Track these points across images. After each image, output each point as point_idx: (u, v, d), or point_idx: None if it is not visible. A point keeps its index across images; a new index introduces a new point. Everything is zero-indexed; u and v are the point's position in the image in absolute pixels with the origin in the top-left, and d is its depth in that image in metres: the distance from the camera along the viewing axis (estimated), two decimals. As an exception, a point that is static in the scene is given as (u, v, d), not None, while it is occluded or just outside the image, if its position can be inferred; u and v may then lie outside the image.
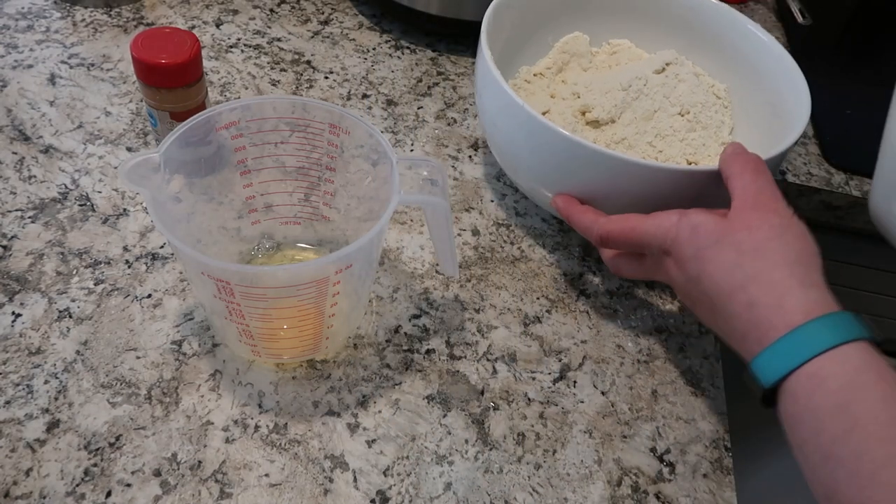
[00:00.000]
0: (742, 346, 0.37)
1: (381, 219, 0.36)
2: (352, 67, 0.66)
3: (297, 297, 0.38)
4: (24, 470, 0.38)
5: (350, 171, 0.46)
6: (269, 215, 0.47)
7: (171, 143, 0.37)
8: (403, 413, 0.43)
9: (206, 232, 0.45)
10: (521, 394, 0.45)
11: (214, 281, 0.36)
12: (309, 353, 0.44)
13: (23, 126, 0.56)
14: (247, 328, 0.40)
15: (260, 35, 0.68)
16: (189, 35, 0.48)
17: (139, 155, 0.36)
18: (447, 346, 0.47)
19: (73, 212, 0.51)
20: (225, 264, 0.37)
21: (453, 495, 0.40)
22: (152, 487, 0.38)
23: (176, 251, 0.38)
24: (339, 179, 0.46)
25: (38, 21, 0.65)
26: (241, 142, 0.42)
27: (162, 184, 0.36)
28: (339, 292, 0.39)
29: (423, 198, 0.39)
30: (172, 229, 0.35)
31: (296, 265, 0.35)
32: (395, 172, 0.38)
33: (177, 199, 0.40)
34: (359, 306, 0.45)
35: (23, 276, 0.47)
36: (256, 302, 0.37)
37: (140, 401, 0.42)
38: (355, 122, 0.41)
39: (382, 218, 0.36)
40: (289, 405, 0.43)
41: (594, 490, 0.41)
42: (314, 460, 0.41)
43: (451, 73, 0.68)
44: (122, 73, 0.61)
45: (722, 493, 0.42)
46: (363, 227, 0.49)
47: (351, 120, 0.42)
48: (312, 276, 0.37)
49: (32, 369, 0.42)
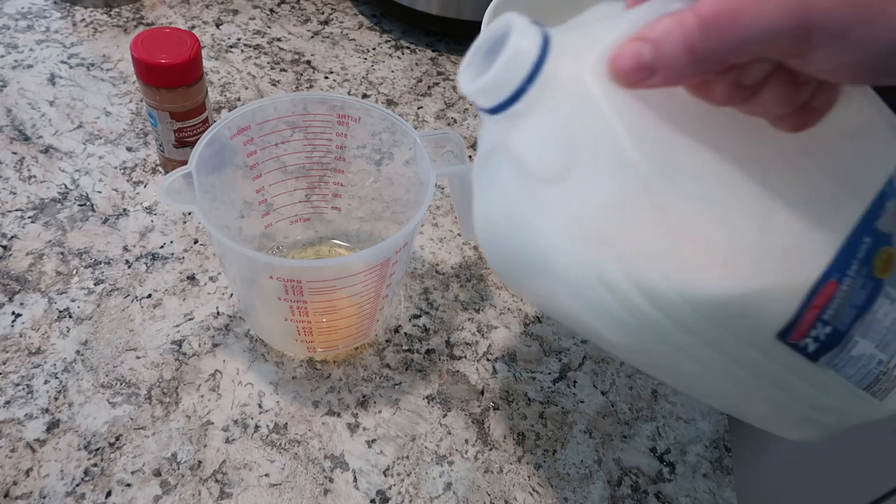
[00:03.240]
0: None
1: (426, 196, 0.38)
2: (352, 67, 0.66)
3: (362, 283, 0.39)
4: (24, 470, 0.38)
5: (352, 171, 0.46)
6: (277, 217, 0.47)
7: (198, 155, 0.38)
8: (403, 413, 0.43)
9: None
10: (521, 394, 0.45)
11: (284, 282, 0.37)
12: (361, 339, 0.45)
13: (23, 126, 0.56)
14: (308, 325, 0.41)
15: (260, 35, 0.68)
16: (189, 35, 0.48)
17: (173, 174, 0.36)
18: (447, 346, 0.47)
19: (73, 212, 0.51)
20: (318, 262, 0.40)
21: (453, 495, 0.40)
22: (152, 487, 0.38)
23: (241, 259, 0.39)
24: (344, 180, 0.47)
25: (38, 21, 0.65)
26: (251, 147, 0.42)
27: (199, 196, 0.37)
28: (395, 272, 0.40)
29: (454, 169, 0.40)
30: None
31: (368, 250, 0.36)
32: (422, 149, 0.40)
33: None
34: (401, 284, 0.46)
35: (23, 276, 0.47)
36: (323, 296, 0.38)
37: (140, 401, 0.42)
38: (367, 109, 0.42)
39: (427, 195, 0.38)
40: (289, 405, 0.43)
41: (594, 490, 0.41)
42: (314, 460, 0.41)
43: (451, 73, 0.68)
44: (122, 73, 0.61)
45: (722, 493, 0.42)
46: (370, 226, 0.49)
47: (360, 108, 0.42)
48: (382, 258, 0.38)
49: (32, 369, 0.42)
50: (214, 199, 0.42)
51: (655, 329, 0.25)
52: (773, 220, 0.25)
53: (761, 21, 0.20)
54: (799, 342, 0.26)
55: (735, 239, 0.25)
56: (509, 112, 0.25)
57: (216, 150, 0.40)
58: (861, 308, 0.26)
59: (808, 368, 0.27)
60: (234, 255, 0.40)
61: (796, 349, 0.26)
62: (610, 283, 0.24)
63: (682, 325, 0.25)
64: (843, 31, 0.20)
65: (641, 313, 0.25)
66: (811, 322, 0.26)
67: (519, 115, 0.25)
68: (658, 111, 0.24)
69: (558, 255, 0.25)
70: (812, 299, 0.25)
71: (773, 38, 0.21)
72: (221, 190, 0.42)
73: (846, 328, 0.26)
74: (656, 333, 0.26)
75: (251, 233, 0.47)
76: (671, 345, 0.26)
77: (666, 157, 0.24)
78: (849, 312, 0.26)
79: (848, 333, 0.27)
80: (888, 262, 0.27)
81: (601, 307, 0.25)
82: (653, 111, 0.24)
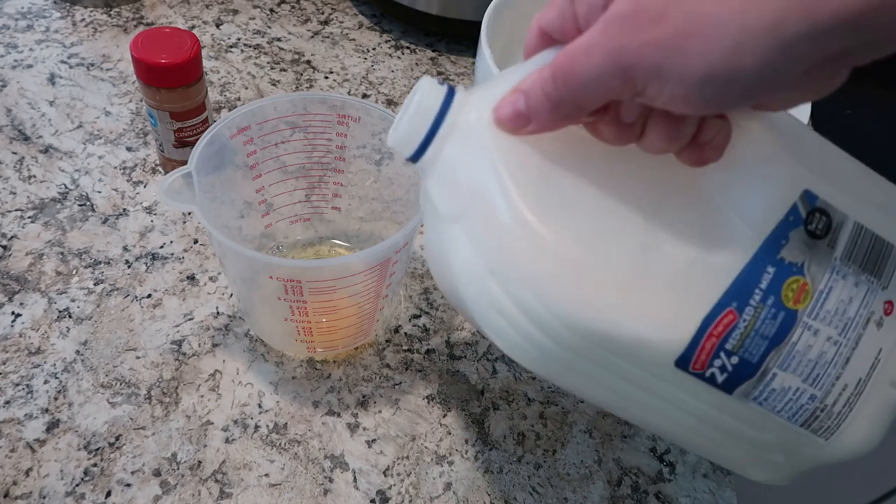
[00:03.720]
0: None
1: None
2: (352, 67, 0.66)
3: (362, 283, 0.39)
4: (24, 470, 0.38)
5: (352, 171, 0.46)
6: (277, 217, 0.47)
7: (198, 155, 0.38)
8: (403, 413, 0.43)
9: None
10: (521, 394, 0.45)
11: (283, 282, 0.37)
12: (361, 338, 0.45)
13: (23, 126, 0.56)
14: (308, 325, 0.41)
15: (260, 35, 0.68)
16: (189, 35, 0.48)
17: (173, 174, 0.36)
18: (447, 346, 0.47)
19: (72, 212, 0.51)
20: (318, 262, 0.40)
21: (453, 495, 0.40)
22: (152, 487, 0.38)
23: (241, 259, 0.39)
24: (344, 180, 0.47)
25: (38, 21, 0.65)
26: (251, 147, 0.42)
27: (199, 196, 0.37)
28: (395, 272, 0.40)
29: None
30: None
31: (368, 250, 0.36)
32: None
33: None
34: (400, 284, 0.46)
35: (23, 276, 0.47)
36: (323, 296, 0.38)
37: (140, 401, 0.42)
38: (367, 109, 0.42)
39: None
40: (289, 405, 0.43)
41: (594, 490, 0.41)
42: (314, 460, 0.41)
43: (451, 73, 0.68)
44: (122, 73, 0.61)
45: (722, 493, 0.42)
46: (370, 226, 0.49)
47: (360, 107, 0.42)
48: (382, 258, 0.38)
49: (32, 369, 0.42)
50: (214, 198, 0.42)
51: (554, 356, 0.27)
52: (661, 250, 0.26)
53: (591, 67, 0.23)
54: (703, 372, 0.26)
55: (617, 269, 0.26)
56: (423, 161, 0.28)
57: (216, 150, 0.40)
58: (773, 339, 0.26)
59: (726, 401, 0.27)
60: (234, 255, 0.40)
61: (702, 379, 0.26)
62: (504, 311, 0.27)
63: (574, 350, 0.26)
64: (655, 68, 0.22)
65: (535, 340, 0.27)
66: (711, 351, 0.26)
67: (430, 162, 0.28)
68: (550, 154, 0.27)
69: (463, 287, 0.28)
70: (708, 328, 0.26)
71: (604, 81, 0.24)
72: (221, 190, 0.42)
73: (758, 359, 0.26)
74: (556, 360, 0.27)
75: (251, 233, 0.47)
76: (579, 372, 0.27)
77: (548, 195, 0.26)
78: (758, 343, 0.26)
79: (761, 365, 0.26)
80: (801, 292, 0.26)
81: (504, 335, 0.27)
82: (542, 154, 0.27)
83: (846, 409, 0.27)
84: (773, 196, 0.26)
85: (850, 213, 0.27)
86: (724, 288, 0.26)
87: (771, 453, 0.29)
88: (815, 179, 0.27)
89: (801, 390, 0.27)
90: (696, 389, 0.27)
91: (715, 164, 0.26)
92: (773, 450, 0.29)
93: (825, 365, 0.27)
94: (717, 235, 0.26)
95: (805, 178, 0.27)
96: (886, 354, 0.28)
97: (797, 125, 0.28)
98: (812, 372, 0.27)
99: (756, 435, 0.28)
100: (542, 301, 0.26)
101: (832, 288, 0.27)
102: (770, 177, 0.27)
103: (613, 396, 0.28)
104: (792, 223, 0.26)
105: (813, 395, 0.27)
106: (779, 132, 0.27)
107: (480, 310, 0.28)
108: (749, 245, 0.26)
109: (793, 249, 0.26)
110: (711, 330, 0.26)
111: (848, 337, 0.27)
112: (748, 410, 0.27)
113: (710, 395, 0.27)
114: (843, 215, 0.27)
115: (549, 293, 0.26)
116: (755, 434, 0.28)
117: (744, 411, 0.27)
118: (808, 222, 0.27)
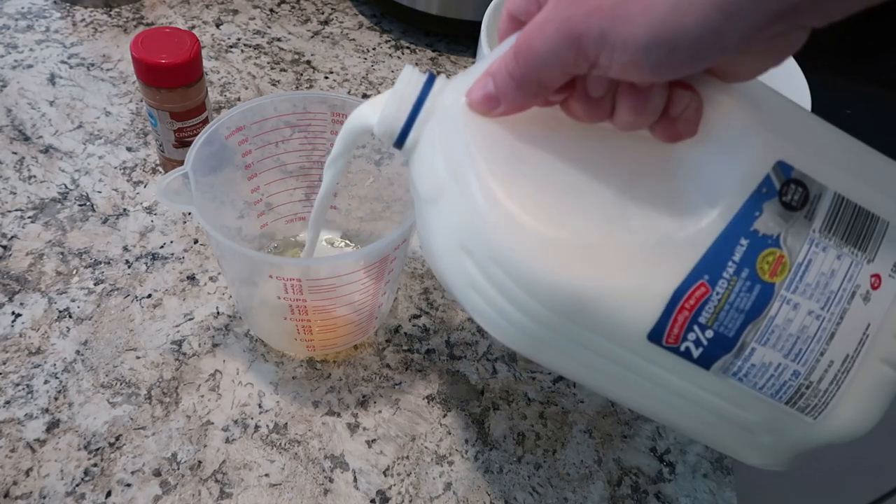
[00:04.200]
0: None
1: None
2: (352, 67, 0.66)
3: (361, 281, 0.39)
4: (24, 470, 0.38)
5: (351, 172, 0.46)
6: (274, 216, 0.47)
7: (195, 155, 0.38)
8: (403, 413, 0.43)
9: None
10: (521, 394, 0.45)
11: (283, 281, 0.37)
12: (360, 336, 0.45)
13: (23, 126, 0.56)
14: (308, 324, 0.41)
15: (260, 35, 0.68)
16: (189, 35, 0.48)
17: (170, 174, 0.36)
18: (447, 346, 0.47)
19: (73, 212, 0.51)
20: (318, 260, 0.39)
21: (453, 495, 0.40)
22: (152, 487, 0.38)
23: (241, 259, 0.40)
24: (342, 180, 0.47)
25: (38, 21, 0.65)
26: (246, 146, 0.42)
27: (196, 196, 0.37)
28: (393, 269, 0.40)
29: None
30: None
31: (367, 248, 0.36)
32: None
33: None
34: (398, 281, 0.46)
35: (23, 276, 0.47)
36: (322, 293, 0.38)
37: (140, 401, 0.42)
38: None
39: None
40: (289, 405, 0.43)
41: (594, 490, 0.41)
42: (314, 460, 0.41)
43: (451, 73, 0.68)
44: (122, 73, 0.61)
45: (722, 493, 0.42)
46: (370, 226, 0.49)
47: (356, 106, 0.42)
48: (380, 256, 0.38)
49: (32, 369, 0.42)
50: (214, 198, 0.42)
51: (529, 332, 0.27)
52: (631, 224, 0.26)
53: (545, 42, 0.24)
54: (677, 346, 0.26)
55: (586, 243, 0.26)
56: (406, 146, 0.29)
57: (214, 151, 0.40)
58: (750, 313, 0.26)
59: (705, 377, 0.27)
60: (234, 255, 0.40)
61: (677, 353, 0.26)
62: (479, 288, 0.27)
63: (548, 326, 0.27)
64: (601, 35, 0.22)
65: (510, 316, 0.27)
66: (683, 324, 0.26)
67: (412, 147, 0.29)
68: (523, 134, 0.27)
69: (443, 265, 0.28)
70: (679, 301, 0.26)
71: (559, 54, 0.24)
72: (221, 190, 0.42)
73: (734, 333, 0.26)
74: (532, 336, 0.27)
75: (250, 233, 0.47)
76: (557, 349, 0.28)
77: (519, 173, 0.26)
78: (734, 317, 0.26)
79: (738, 339, 0.26)
80: (777, 264, 0.26)
81: (481, 311, 0.28)
82: (515, 135, 0.27)
83: (833, 387, 0.27)
84: (745, 168, 0.26)
85: (829, 184, 0.27)
86: (694, 261, 0.26)
87: (758, 434, 0.28)
88: (790, 150, 0.27)
89: (782, 366, 0.26)
90: (672, 364, 0.27)
91: (689, 141, 0.26)
92: (760, 430, 0.28)
93: (807, 340, 0.26)
94: (688, 210, 0.26)
95: (779, 149, 0.26)
96: (876, 329, 0.27)
97: (773, 95, 0.28)
98: (794, 347, 0.26)
99: (740, 413, 0.28)
100: (511, 276, 0.26)
101: (811, 261, 0.26)
102: (741, 148, 0.26)
103: (592, 373, 0.28)
104: (765, 195, 0.26)
105: (796, 372, 0.27)
106: (752, 104, 0.27)
107: (458, 287, 0.28)
108: (721, 218, 0.26)
109: (767, 221, 0.26)
110: (683, 303, 0.26)
111: (831, 311, 0.26)
112: (729, 387, 0.27)
113: (687, 370, 0.27)
114: (821, 186, 0.26)
115: (518, 267, 0.26)
116: (739, 413, 0.28)
117: (724, 388, 0.27)
118: (782, 193, 0.26)
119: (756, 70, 0.25)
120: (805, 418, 0.27)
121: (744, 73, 0.25)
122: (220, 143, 0.40)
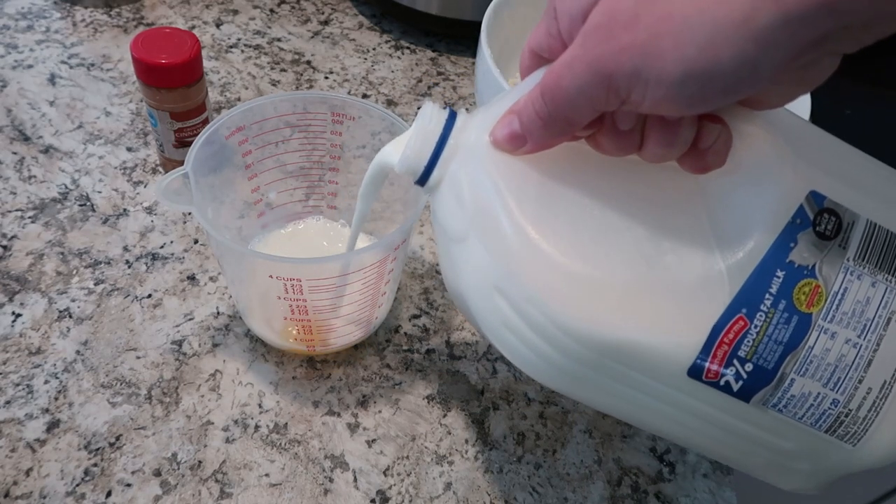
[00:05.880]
0: None
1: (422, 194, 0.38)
2: (352, 67, 0.66)
3: (361, 280, 0.39)
4: (24, 470, 0.38)
5: (352, 172, 0.46)
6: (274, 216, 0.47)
7: (195, 155, 0.38)
8: (403, 413, 0.43)
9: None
10: (521, 394, 0.45)
11: (283, 281, 0.37)
12: (360, 336, 0.45)
13: (23, 126, 0.56)
14: (308, 324, 0.41)
15: (260, 35, 0.68)
16: (189, 35, 0.48)
17: (170, 175, 0.36)
18: (447, 346, 0.47)
19: (73, 212, 0.51)
20: (318, 260, 0.39)
21: (453, 495, 0.40)
22: (152, 487, 0.38)
23: (241, 259, 0.40)
24: (342, 179, 0.47)
25: (38, 21, 0.65)
26: (247, 147, 0.42)
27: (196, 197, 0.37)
28: (393, 269, 0.41)
29: None
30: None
31: (366, 247, 0.37)
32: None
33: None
34: (398, 281, 0.46)
35: (23, 276, 0.47)
36: (322, 294, 0.38)
37: (140, 401, 0.42)
38: (367, 109, 0.42)
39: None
40: (289, 405, 0.43)
41: (594, 490, 0.41)
42: (314, 460, 0.41)
43: (451, 73, 0.68)
44: (122, 73, 0.61)
45: (722, 493, 0.42)
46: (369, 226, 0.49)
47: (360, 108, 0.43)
48: (381, 255, 0.38)
49: (32, 369, 0.42)
50: (215, 198, 0.42)
51: (565, 370, 0.27)
52: (665, 260, 0.26)
53: (575, 80, 0.24)
54: (717, 380, 0.26)
55: (621, 280, 0.26)
56: (429, 184, 0.29)
57: (214, 151, 0.40)
58: (788, 344, 0.26)
59: (745, 410, 0.27)
60: (234, 255, 0.40)
61: (717, 387, 0.26)
62: (513, 328, 0.27)
63: (585, 364, 0.27)
64: (634, 72, 0.22)
65: (546, 355, 0.27)
66: (723, 359, 0.26)
67: (436, 184, 0.29)
68: (550, 171, 0.27)
69: (473, 305, 0.28)
70: (719, 336, 0.26)
71: (590, 91, 0.24)
72: (221, 190, 0.42)
73: (773, 365, 0.26)
74: (568, 374, 0.27)
75: (250, 233, 0.47)
76: (593, 385, 0.28)
77: (550, 211, 0.26)
78: (773, 349, 0.26)
79: (777, 371, 0.26)
80: (814, 295, 0.26)
81: (516, 351, 0.28)
82: (543, 172, 0.27)
83: (872, 413, 0.27)
84: (778, 199, 0.26)
85: (861, 212, 0.27)
86: (732, 295, 0.26)
87: (796, 461, 0.28)
88: (821, 179, 0.27)
89: (822, 395, 0.26)
90: (712, 399, 0.27)
91: (718, 173, 0.26)
92: (798, 457, 0.28)
93: (846, 368, 0.26)
94: (722, 243, 0.26)
95: (811, 179, 0.26)
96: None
97: (801, 123, 0.28)
98: (832, 376, 0.26)
99: (779, 443, 0.28)
100: (548, 316, 0.26)
101: (847, 289, 0.26)
102: (773, 180, 0.26)
103: (630, 407, 0.28)
104: (799, 226, 0.26)
105: (835, 400, 0.26)
106: (781, 132, 0.27)
107: (491, 327, 0.28)
108: (756, 251, 0.26)
109: (802, 252, 0.26)
110: (722, 337, 0.26)
111: (868, 339, 0.26)
112: (768, 418, 0.27)
113: (727, 403, 0.27)
114: (853, 214, 0.27)
115: (555, 308, 0.26)
116: (778, 442, 0.28)
117: (764, 419, 0.27)
118: (816, 224, 0.26)
119: (786, 98, 0.25)
120: (844, 445, 0.27)
121: (774, 101, 0.25)
122: (220, 143, 0.40)
